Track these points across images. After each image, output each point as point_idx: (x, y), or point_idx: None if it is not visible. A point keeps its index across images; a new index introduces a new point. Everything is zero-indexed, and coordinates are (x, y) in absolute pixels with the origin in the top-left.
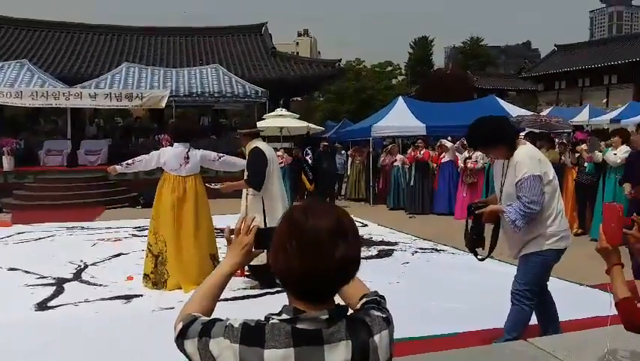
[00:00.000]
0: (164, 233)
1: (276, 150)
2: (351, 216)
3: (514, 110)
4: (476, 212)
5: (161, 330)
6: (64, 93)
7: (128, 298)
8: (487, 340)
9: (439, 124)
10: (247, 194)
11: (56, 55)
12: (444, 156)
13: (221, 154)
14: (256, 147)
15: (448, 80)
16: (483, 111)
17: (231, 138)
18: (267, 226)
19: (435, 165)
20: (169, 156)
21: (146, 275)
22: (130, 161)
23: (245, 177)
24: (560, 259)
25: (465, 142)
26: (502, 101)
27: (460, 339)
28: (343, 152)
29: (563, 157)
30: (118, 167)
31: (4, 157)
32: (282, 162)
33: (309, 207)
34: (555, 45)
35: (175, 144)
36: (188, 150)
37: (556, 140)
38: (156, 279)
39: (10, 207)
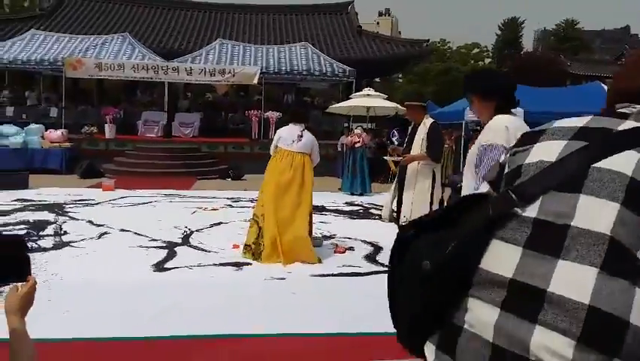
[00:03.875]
0: (266, 207)
1: (350, 129)
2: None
3: None
4: None
5: (276, 298)
6: (162, 67)
7: (238, 265)
8: None
9: (539, 110)
10: (417, 163)
11: (153, 30)
12: None
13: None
14: (435, 122)
15: (539, 63)
16: (586, 98)
17: (316, 117)
18: (434, 194)
19: None
20: (285, 132)
21: (247, 245)
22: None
23: (424, 150)
24: None
25: None
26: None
27: None
28: None
29: None
30: None
31: (106, 125)
32: (359, 142)
33: None
34: None
35: (290, 124)
36: (303, 130)
37: None
38: (255, 250)
39: (111, 173)
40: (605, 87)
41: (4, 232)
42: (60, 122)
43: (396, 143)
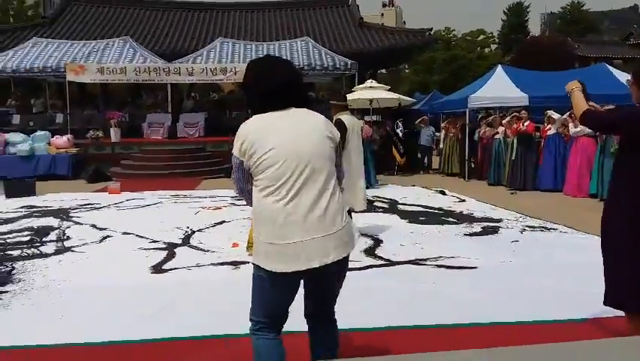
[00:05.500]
0: None
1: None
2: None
3: None
4: None
5: None
6: (164, 69)
7: (236, 264)
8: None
9: (543, 94)
10: None
11: (154, 32)
12: (549, 128)
13: None
14: (338, 119)
15: (546, 47)
16: (591, 80)
17: (321, 111)
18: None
19: (539, 136)
20: None
21: (252, 245)
22: None
23: None
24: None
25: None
26: (615, 70)
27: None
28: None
29: None
30: None
31: (111, 129)
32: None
33: None
34: None
35: None
36: None
37: None
38: None
39: (117, 176)
40: (611, 68)
41: (7, 239)
42: (66, 128)
43: (400, 134)
